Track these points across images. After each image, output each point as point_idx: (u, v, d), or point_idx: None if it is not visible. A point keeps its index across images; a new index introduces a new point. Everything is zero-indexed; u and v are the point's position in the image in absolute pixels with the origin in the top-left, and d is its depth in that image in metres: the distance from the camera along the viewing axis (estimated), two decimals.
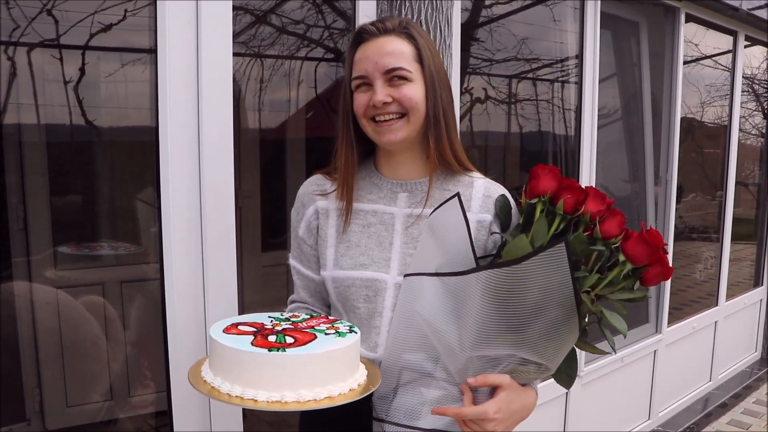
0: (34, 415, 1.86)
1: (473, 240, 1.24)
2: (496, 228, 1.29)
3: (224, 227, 1.76)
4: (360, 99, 1.24)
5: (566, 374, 1.23)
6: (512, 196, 1.33)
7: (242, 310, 1.86)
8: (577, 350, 1.24)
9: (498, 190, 1.33)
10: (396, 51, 1.22)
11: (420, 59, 1.24)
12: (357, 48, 1.26)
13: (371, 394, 1.25)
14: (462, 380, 1.21)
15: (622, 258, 1.12)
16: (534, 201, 1.19)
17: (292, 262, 1.39)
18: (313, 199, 1.33)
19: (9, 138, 1.75)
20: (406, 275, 1.23)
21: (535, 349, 1.14)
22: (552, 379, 1.26)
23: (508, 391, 1.18)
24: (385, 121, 1.22)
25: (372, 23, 1.26)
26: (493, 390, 1.19)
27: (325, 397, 1.01)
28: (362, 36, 1.25)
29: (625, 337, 1.13)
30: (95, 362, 1.94)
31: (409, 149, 1.29)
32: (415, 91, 1.22)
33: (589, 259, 1.15)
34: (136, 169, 1.95)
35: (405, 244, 1.27)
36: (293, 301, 1.41)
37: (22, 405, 1.85)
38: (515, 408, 1.19)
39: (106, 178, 1.96)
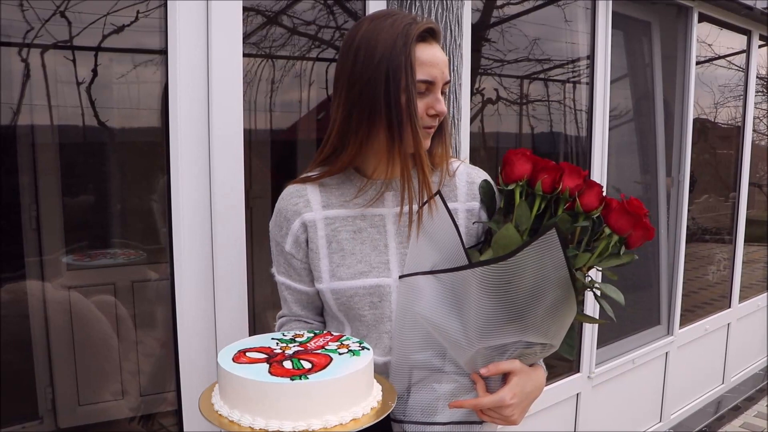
0: (46, 414, 1.88)
1: (466, 230, 1.26)
2: (484, 214, 1.29)
3: (234, 228, 1.76)
4: (421, 103, 1.18)
5: (567, 344, 1.25)
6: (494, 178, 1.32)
7: (252, 311, 1.87)
8: (583, 339, 1.25)
9: (479, 174, 1.32)
10: (445, 61, 1.21)
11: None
12: (418, 45, 1.17)
13: None
14: (472, 370, 1.21)
15: (608, 231, 1.14)
16: (512, 186, 1.19)
17: (280, 278, 1.34)
18: (298, 212, 1.27)
19: (22, 139, 1.76)
20: (400, 276, 1.22)
21: (539, 332, 1.15)
22: (562, 381, 1.27)
23: (520, 375, 1.19)
24: (429, 127, 1.22)
25: (432, 24, 1.19)
26: (505, 376, 1.20)
27: (351, 420, 0.99)
28: (426, 36, 1.18)
29: (623, 305, 1.14)
30: (107, 361, 1.96)
31: None
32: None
33: (574, 234, 1.16)
34: (148, 170, 1.96)
35: (400, 244, 1.25)
36: (283, 316, 1.38)
37: (35, 403, 1.86)
38: (528, 390, 1.21)
39: (118, 179, 1.97)
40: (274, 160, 2.42)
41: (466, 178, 1.30)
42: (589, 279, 1.16)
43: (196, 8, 1.66)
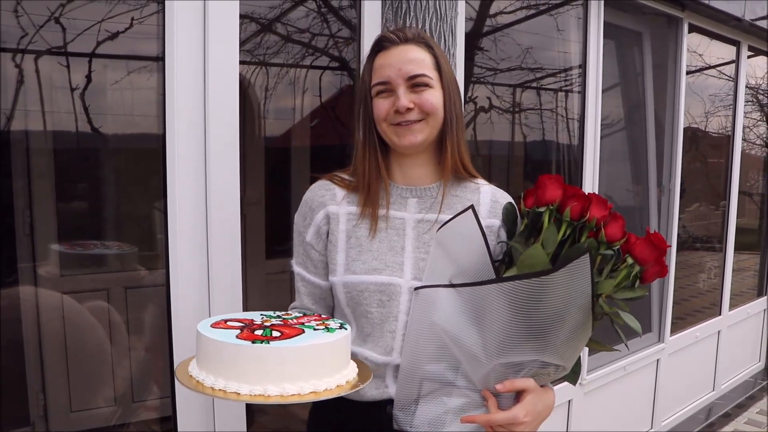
0: (38, 420, 1.87)
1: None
2: (503, 234, 1.32)
3: (229, 234, 1.77)
4: (382, 105, 1.26)
5: (573, 371, 1.27)
6: (515, 202, 1.36)
7: None
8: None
9: (504, 196, 1.37)
10: (417, 59, 1.26)
11: (438, 68, 1.28)
12: (377, 55, 1.29)
13: (385, 405, 1.28)
14: (484, 387, 1.22)
15: (630, 261, 1.18)
16: (542, 209, 1.23)
17: (297, 268, 1.38)
18: (323, 203, 1.33)
19: (17, 144, 1.76)
20: (416, 288, 1.24)
21: (557, 353, 1.17)
22: (554, 387, 1.29)
23: (534, 394, 1.21)
24: (406, 123, 1.25)
25: (392, 32, 1.30)
26: (518, 394, 1.22)
27: (310, 392, 1.00)
28: (383, 44, 1.29)
29: (640, 334, 1.18)
30: (100, 367, 1.95)
31: (422, 154, 1.32)
32: (435, 97, 1.26)
33: (594, 262, 1.18)
34: (143, 176, 1.96)
35: (417, 249, 1.28)
36: (295, 308, 1.41)
37: (26, 409, 1.85)
38: (540, 409, 1.23)
39: (112, 185, 1.97)
40: (269, 167, 2.43)
41: (490, 197, 1.35)
42: (612, 308, 1.19)
43: (193, 15, 1.67)
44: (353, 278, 1.27)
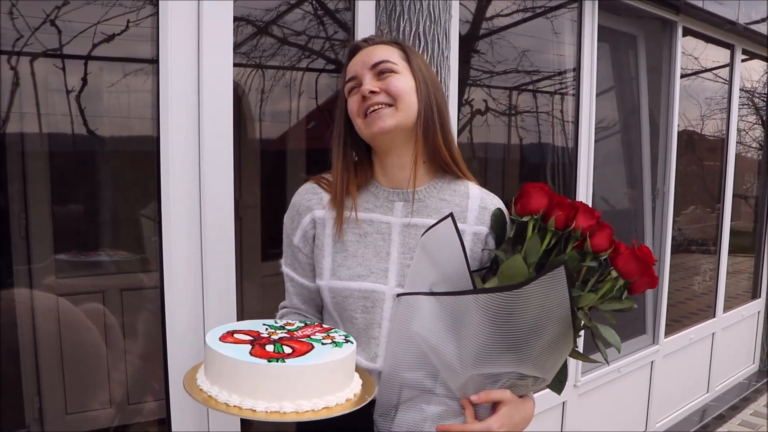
0: (33, 422, 1.87)
1: (470, 253, 1.26)
2: (491, 241, 1.30)
3: (224, 237, 1.77)
4: (353, 99, 1.27)
5: (558, 380, 1.25)
6: (507, 206, 1.33)
7: (241, 320, 1.87)
8: (569, 358, 1.26)
9: (493, 201, 1.33)
10: (384, 51, 1.27)
11: (408, 60, 1.28)
12: (350, 60, 1.31)
13: (369, 407, 1.27)
14: (463, 395, 1.22)
15: (614, 274, 1.15)
16: (526, 218, 1.20)
17: (286, 269, 1.39)
18: (310, 208, 1.32)
19: (12, 147, 1.76)
20: (398, 295, 1.24)
21: (535, 365, 1.15)
22: (547, 389, 1.28)
23: (510, 405, 1.20)
24: (374, 111, 1.23)
25: (364, 39, 1.33)
26: (495, 404, 1.21)
27: (323, 408, 1.01)
28: (354, 50, 1.31)
29: (619, 351, 1.16)
30: (95, 370, 1.95)
31: (402, 152, 1.29)
32: (402, 82, 1.24)
33: (579, 273, 1.17)
34: (138, 179, 1.97)
35: (402, 255, 1.27)
36: (285, 307, 1.41)
37: (21, 412, 1.85)
38: (517, 421, 1.22)
39: (108, 188, 1.97)
40: (264, 170, 2.43)
41: (479, 203, 1.32)
42: (589, 318, 1.17)
43: (188, 18, 1.67)
44: (338, 284, 1.27)
